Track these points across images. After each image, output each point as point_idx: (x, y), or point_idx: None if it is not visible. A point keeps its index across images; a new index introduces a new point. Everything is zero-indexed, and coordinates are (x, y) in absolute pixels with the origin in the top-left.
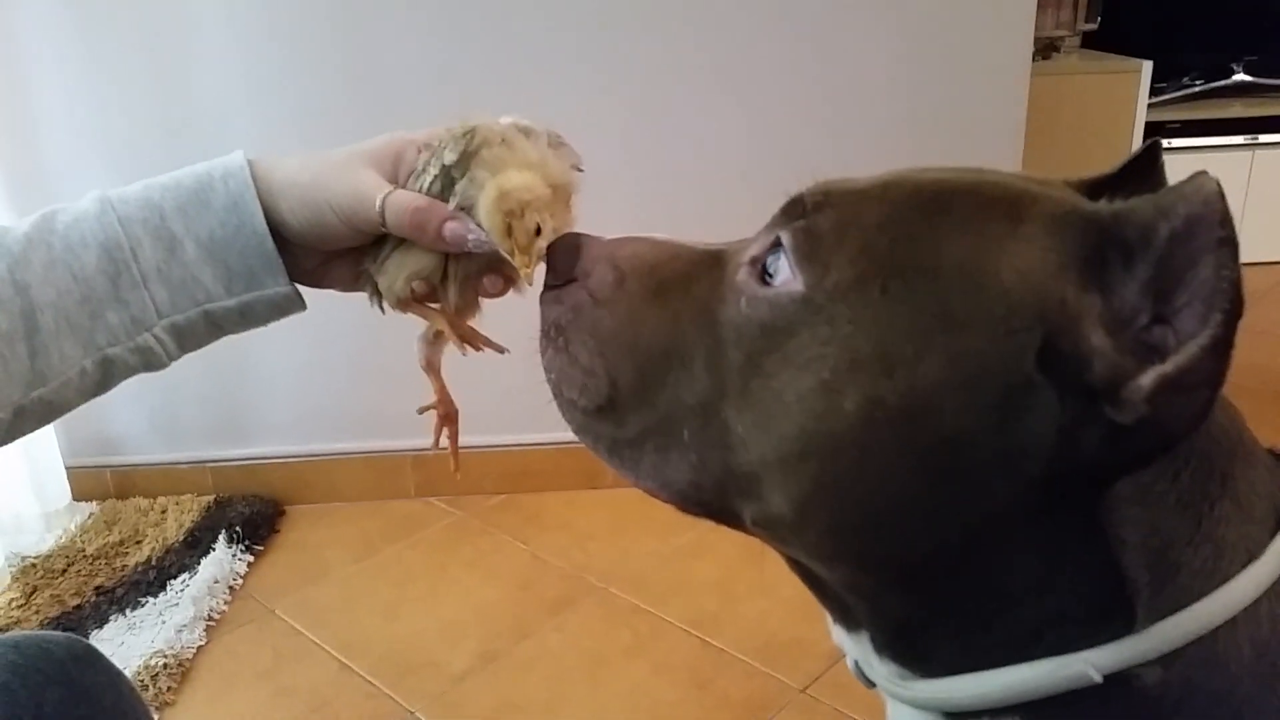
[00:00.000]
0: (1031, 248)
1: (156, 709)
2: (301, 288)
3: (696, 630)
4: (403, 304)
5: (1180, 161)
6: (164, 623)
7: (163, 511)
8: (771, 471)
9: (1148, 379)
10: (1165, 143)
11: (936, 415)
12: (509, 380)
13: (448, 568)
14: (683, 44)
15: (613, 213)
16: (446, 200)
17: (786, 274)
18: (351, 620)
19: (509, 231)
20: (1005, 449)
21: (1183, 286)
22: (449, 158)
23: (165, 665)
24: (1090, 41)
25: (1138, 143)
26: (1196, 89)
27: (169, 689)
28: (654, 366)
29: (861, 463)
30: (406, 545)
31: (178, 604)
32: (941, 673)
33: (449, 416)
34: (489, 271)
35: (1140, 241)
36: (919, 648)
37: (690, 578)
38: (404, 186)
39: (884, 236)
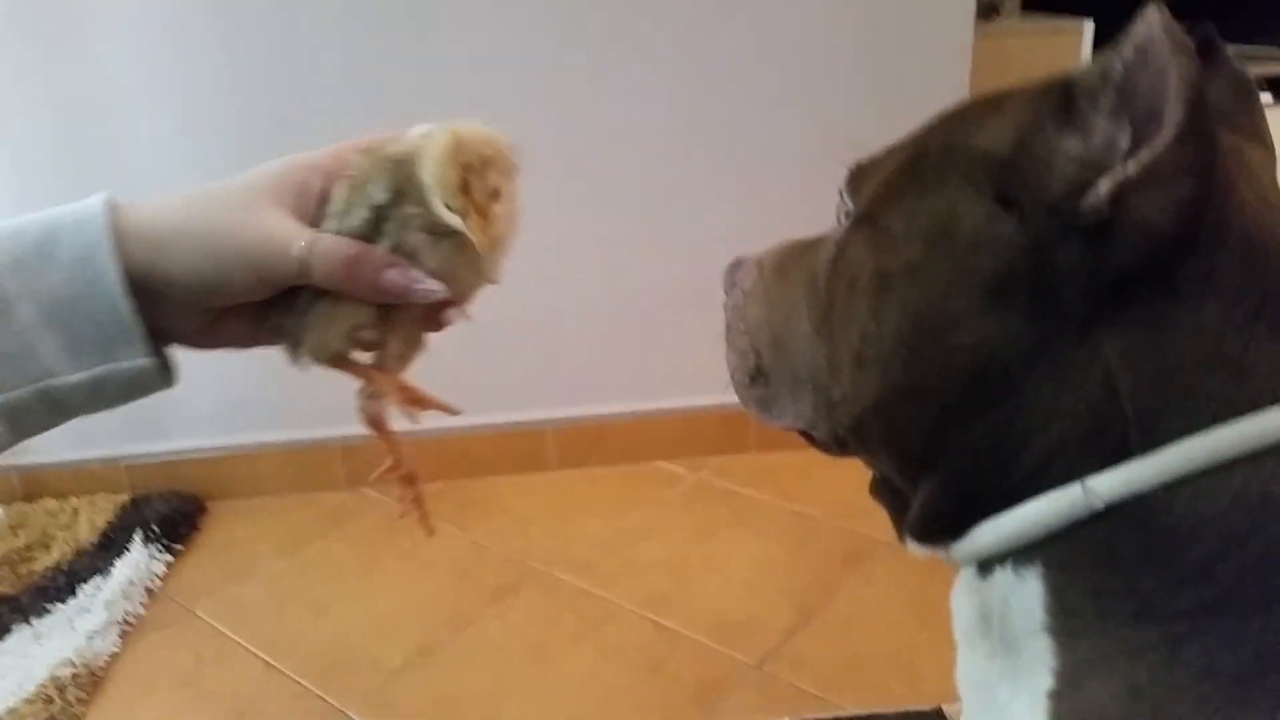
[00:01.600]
0: (1006, 117)
1: None
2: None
3: (646, 611)
4: (335, 362)
5: None
6: (74, 630)
7: (74, 512)
8: (841, 372)
9: (1105, 183)
10: None
11: (927, 273)
12: (446, 362)
13: (381, 560)
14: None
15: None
16: (375, 241)
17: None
18: (279, 619)
19: (465, 188)
20: (989, 283)
21: (1163, 103)
22: (379, 196)
23: (74, 675)
24: (1031, 3)
25: None
26: None
27: (78, 700)
28: (782, 330)
29: (889, 335)
30: (337, 538)
31: (89, 609)
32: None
33: (410, 477)
34: (434, 311)
35: (1100, 80)
36: (955, 518)
37: (637, 559)
38: (318, 225)
39: (897, 154)
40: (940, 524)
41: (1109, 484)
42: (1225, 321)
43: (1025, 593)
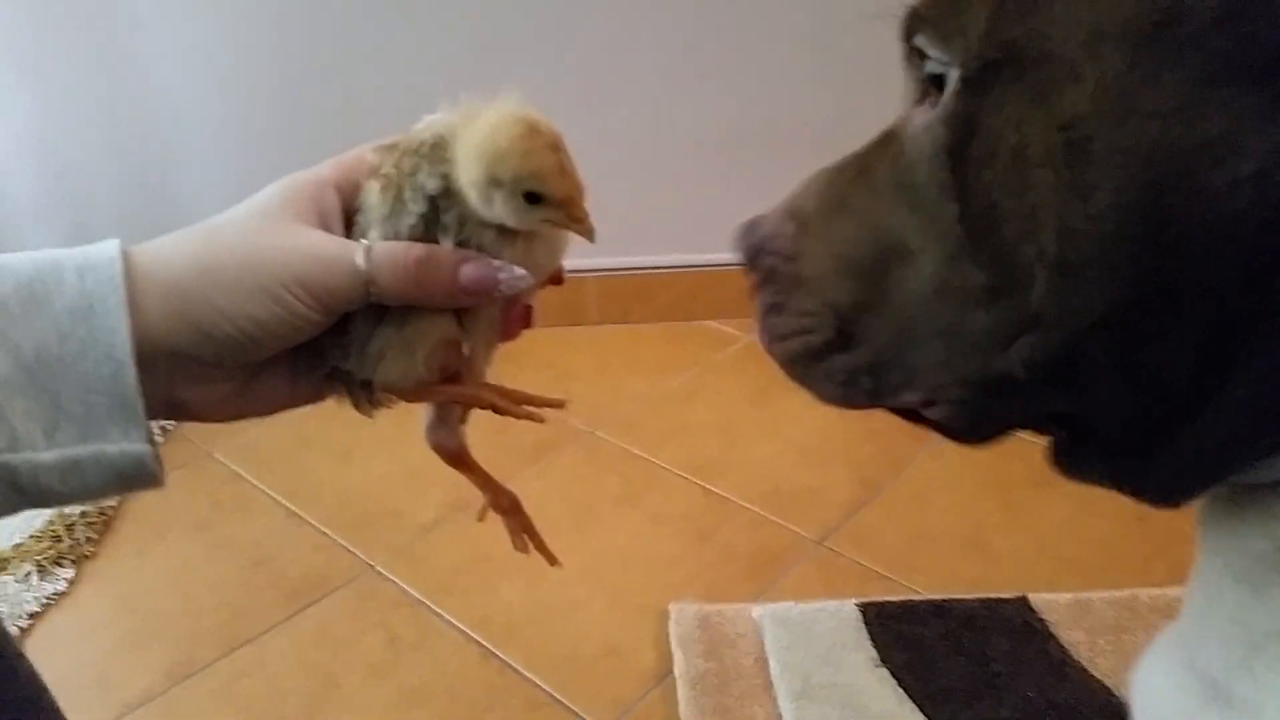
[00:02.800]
0: None
1: (73, 562)
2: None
3: (695, 477)
4: (422, 392)
5: None
6: None
7: None
8: (1023, 294)
9: None
10: None
11: (1157, 83)
12: None
13: (412, 409)
14: None
15: None
16: (435, 241)
17: (946, 80)
18: (301, 465)
19: (562, 170)
20: (1265, 66)
21: None
22: (432, 186)
23: (84, 514)
24: None
25: None
26: None
27: (88, 539)
28: (872, 275)
29: (1111, 208)
30: None
31: None
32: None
33: (512, 507)
34: (509, 312)
35: None
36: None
37: (686, 421)
38: (359, 238)
39: None
40: (1244, 451)
41: None
42: None
43: None
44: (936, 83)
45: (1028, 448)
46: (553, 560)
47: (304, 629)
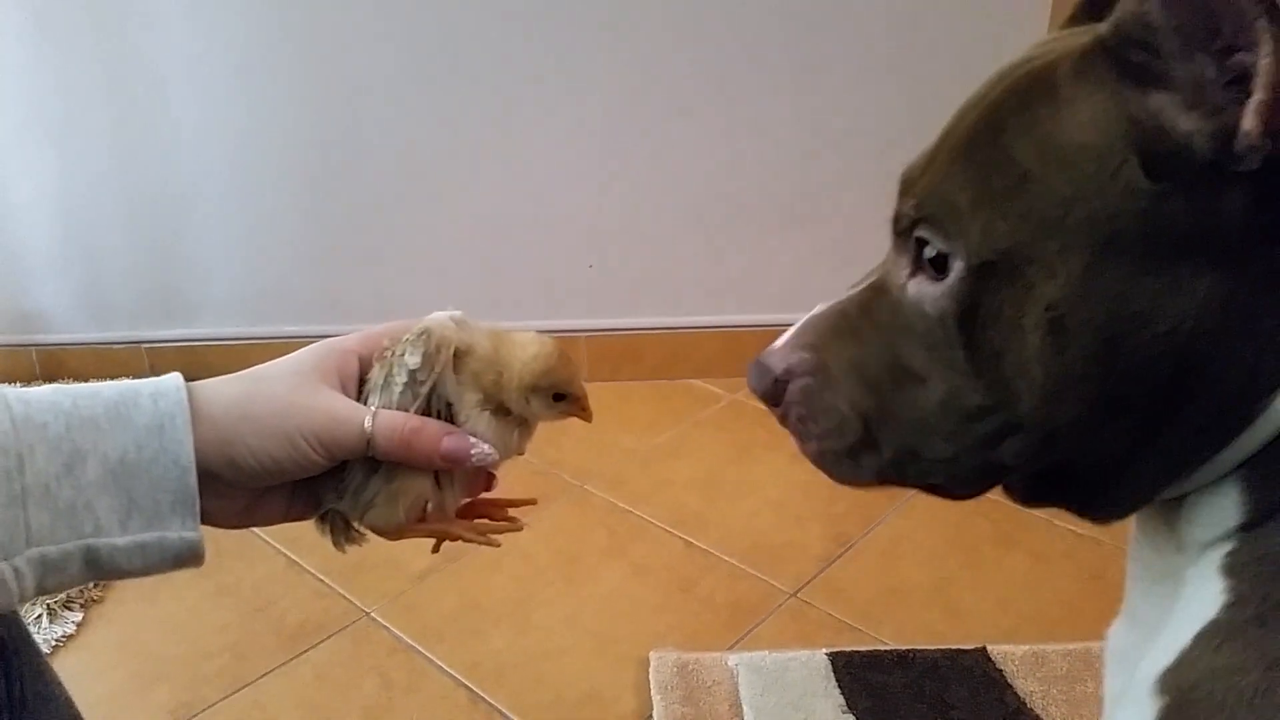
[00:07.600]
0: (1078, 104)
1: (81, 606)
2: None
3: (678, 531)
4: (402, 532)
5: None
6: None
7: None
8: (1013, 407)
9: (1248, 119)
10: None
11: (1102, 287)
12: (477, 261)
13: None
14: None
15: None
16: (414, 403)
17: (951, 264)
18: None
19: (580, 380)
20: (1170, 263)
21: (1216, 18)
22: (413, 362)
23: None
24: None
25: None
26: None
27: (95, 585)
28: (887, 391)
29: (1079, 360)
30: None
31: None
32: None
33: (462, 519)
34: (477, 476)
35: (1145, 29)
36: (1177, 476)
37: (671, 477)
38: (361, 402)
39: (975, 182)
40: (1165, 482)
41: None
42: None
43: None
44: (935, 261)
45: (992, 507)
46: (517, 528)
47: (303, 672)
